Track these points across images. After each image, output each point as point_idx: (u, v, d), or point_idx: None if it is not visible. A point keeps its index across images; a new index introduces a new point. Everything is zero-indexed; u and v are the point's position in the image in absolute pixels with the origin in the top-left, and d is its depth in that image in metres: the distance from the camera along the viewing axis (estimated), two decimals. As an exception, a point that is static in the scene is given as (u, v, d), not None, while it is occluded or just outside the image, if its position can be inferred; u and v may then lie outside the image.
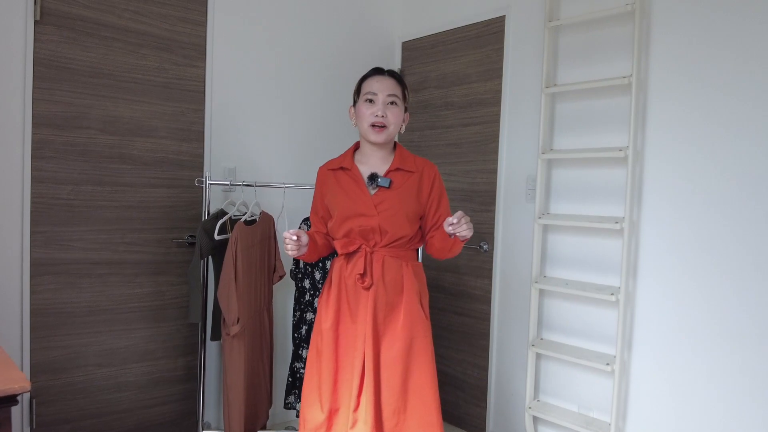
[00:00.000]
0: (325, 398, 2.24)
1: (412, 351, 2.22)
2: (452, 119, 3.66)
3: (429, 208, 2.33)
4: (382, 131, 2.26)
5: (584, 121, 3.00)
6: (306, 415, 2.28)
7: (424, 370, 2.22)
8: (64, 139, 2.85)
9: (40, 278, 2.82)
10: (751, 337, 2.44)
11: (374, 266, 2.24)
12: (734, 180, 2.49)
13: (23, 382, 1.57)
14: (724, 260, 2.52)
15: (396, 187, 2.28)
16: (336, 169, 2.36)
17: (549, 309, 3.15)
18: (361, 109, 2.30)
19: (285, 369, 3.51)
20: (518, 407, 3.29)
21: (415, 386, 2.21)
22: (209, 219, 2.95)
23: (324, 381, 2.25)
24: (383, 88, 2.28)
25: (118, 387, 3.07)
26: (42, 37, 2.76)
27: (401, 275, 2.26)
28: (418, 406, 2.20)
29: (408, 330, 2.22)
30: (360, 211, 2.24)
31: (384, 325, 2.23)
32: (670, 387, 2.68)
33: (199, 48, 3.23)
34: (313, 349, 2.33)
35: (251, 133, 3.45)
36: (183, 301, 3.24)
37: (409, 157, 2.36)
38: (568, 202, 3.07)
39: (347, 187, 2.30)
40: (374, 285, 2.22)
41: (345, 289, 2.27)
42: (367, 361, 2.18)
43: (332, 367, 2.24)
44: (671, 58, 2.67)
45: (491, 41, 3.43)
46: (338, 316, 2.27)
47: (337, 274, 2.30)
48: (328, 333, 2.26)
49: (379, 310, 2.22)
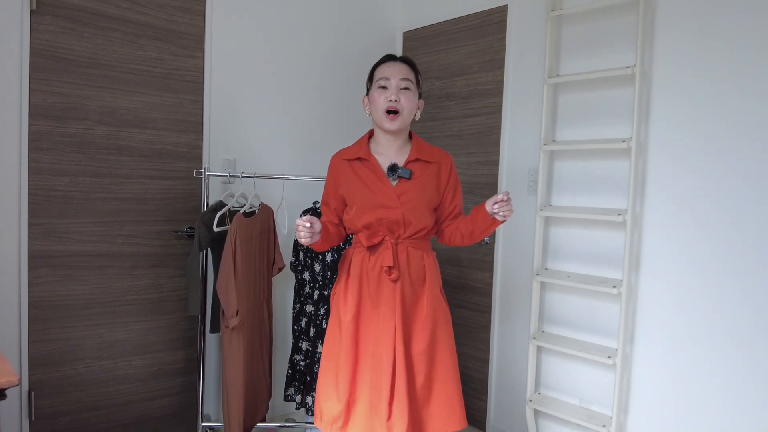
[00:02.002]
0: (342, 390, 2.23)
1: (436, 340, 2.26)
2: (454, 110, 3.62)
3: (445, 198, 2.33)
4: (396, 118, 2.24)
5: (587, 112, 2.97)
6: (323, 407, 2.28)
7: (447, 357, 2.27)
8: (61, 131, 2.82)
9: (38, 271, 2.80)
10: (754, 331, 2.42)
11: (400, 258, 2.24)
12: (738, 173, 2.45)
13: (11, 377, 1.56)
14: (727, 253, 2.49)
15: (416, 178, 2.27)
16: (352, 159, 2.32)
17: (550, 302, 3.13)
18: (375, 96, 2.27)
19: (285, 361, 3.49)
20: (519, 400, 3.28)
21: (438, 373, 2.26)
22: (208, 211, 2.93)
23: (341, 373, 2.24)
24: (396, 73, 2.25)
25: (117, 380, 3.06)
26: (38, 27, 2.73)
27: (423, 266, 2.28)
28: (441, 392, 2.25)
29: (432, 321, 2.25)
30: (382, 202, 2.22)
31: (411, 317, 2.25)
32: (672, 381, 2.66)
33: (197, 38, 3.20)
34: (330, 342, 2.31)
35: (250, 124, 3.42)
36: (182, 293, 3.22)
37: (426, 147, 2.34)
38: (571, 195, 3.04)
39: (366, 178, 2.27)
40: (400, 277, 2.22)
41: (367, 281, 2.25)
42: (398, 354, 2.18)
43: (351, 360, 2.23)
44: (675, 50, 2.63)
45: (493, 31, 3.39)
46: (359, 309, 2.26)
47: (358, 266, 2.28)
48: (349, 326, 2.24)
49: (407, 303, 2.24)
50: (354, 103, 3.78)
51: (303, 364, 3.13)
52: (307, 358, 3.12)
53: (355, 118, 3.79)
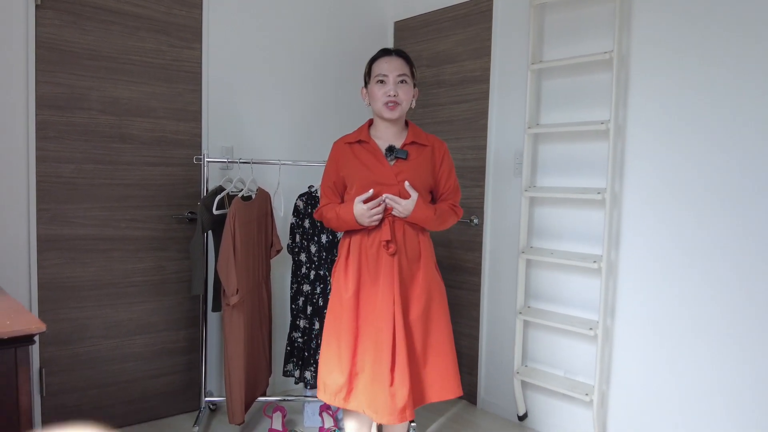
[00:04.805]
0: (345, 363, 2.38)
1: (431, 310, 2.42)
2: (444, 97, 3.75)
3: (440, 180, 2.50)
4: (395, 107, 2.41)
5: (570, 97, 3.10)
6: (326, 379, 2.43)
7: (442, 327, 2.43)
8: (66, 120, 2.96)
9: (47, 253, 2.94)
10: (730, 302, 2.55)
11: (396, 234, 2.40)
12: (716, 151, 2.58)
13: (38, 324, 1.76)
14: (704, 229, 2.62)
15: (412, 159, 2.43)
16: (353, 142, 2.48)
17: (536, 278, 3.27)
18: (374, 90, 2.44)
19: (284, 339, 3.64)
20: (507, 374, 3.42)
21: (434, 342, 2.41)
22: (208, 195, 3.06)
23: (344, 347, 2.39)
24: (392, 69, 2.42)
25: (123, 358, 3.20)
26: (43, 22, 2.86)
27: (418, 242, 2.44)
28: (437, 361, 2.41)
29: (427, 292, 2.41)
30: (380, 181, 2.38)
31: (408, 290, 2.40)
32: (651, 351, 2.80)
33: (195, 30, 3.32)
34: (331, 317, 2.46)
35: (247, 112, 3.55)
36: (184, 275, 3.36)
37: (421, 133, 2.52)
38: (554, 176, 3.17)
39: (366, 159, 2.43)
40: (397, 252, 2.38)
41: (366, 258, 2.40)
42: (398, 324, 2.34)
43: (353, 334, 2.39)
44: (652, 34, 2.76)
45: (480, 20, 3.52)
46: (359, 285, 2.41)
47: (357, 245, 2.43)
48: (350, 301, 2.40)
49: (404, 276, 2.39)
50: (346, 91, 3.91)
51: (301, 341, 3.27)
52: (304, 335, 3.26)
53: (347, 106, 3.93)
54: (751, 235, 2.48)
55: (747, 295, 2.49)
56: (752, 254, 2.48)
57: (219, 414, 3.41)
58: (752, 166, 2.47)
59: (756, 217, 2.46)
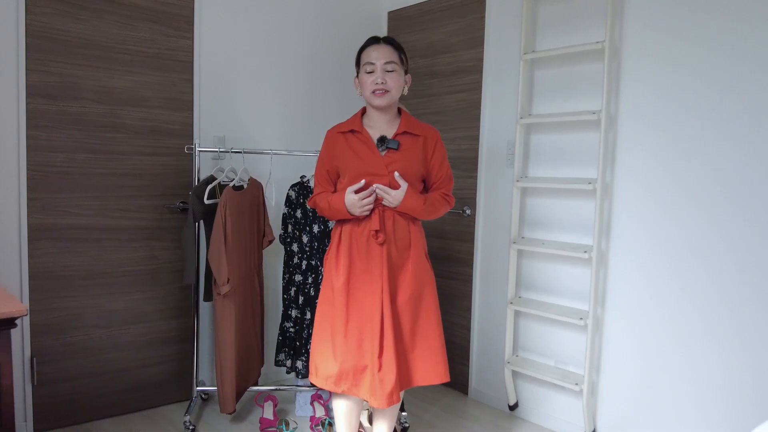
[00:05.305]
0: (337, 349, 2.41)
1: (420, 298, 2.44)
2: (437, 87, 3.75)
3: (432, 169, 2.50)
4: (384, 95, 2.41)
5: (562, 87, 3.10)
6: (318, 364, 2.45)
7: (431, 314, 2.46)
8: (58, 109, 2.95)
9: (38, 243, 2.94)
10: (721, 291, 2.56)
11: (386, 224, 2.41)
12: (706, 143, 2.59)
13: (20, 307, 1.80)
14: (696, 218, 2.63)
15: (404, 149, 2.44)
16: (346, 132, 2.49)
17: (527, 268, 3.28)
18: (363, 79, 2.45)
19: (276, 329, 3.65)
20: (499, 363, 3.43)
21: (422, 327, 2.44)
22: (200, 184, 3.06)
23: (337, 332, 2.42)
24: (380, 57, 2.42)
25: (116, 347, 3.21)
26: (34, 9, 2.85)
27: (408, 232, 2.45)
28: (425, 346, 2.43)
29: (417, 280, 2.43)
30: (371, 171, 2.39)
31: (397, 277, 2.42)
32: (640, 341, 2.82)
33: (187, 19, 3.32)
34: (323, 304, 2.49)
35: (239, 102, 3.55)
36: (176, 265, 3.37)
37: (414, 122, 2.52)
38: (546, 166, 3.18)
39: (358, 148, 2.44)
40: (386, 242, 2.39)
41: (357, 247, 2.42)
42: (386, 309, 2.36)
43: (344, 320, 2.41)
44: (645, 25, 2.76)
45: (473, 10, 3.51)
46: (350, 273, 2.43)
47: (348, 233, 2.45)
48: (341, 289, 2.42)
49: (393, 265, 2.41)
50: (339, 80, 3.91)
51: (293, 331, 3.28)
52: (296, 325, 3.27)
53: (340, 96, 3.92)
54: (742, 223, 2.48)
55: (738, 284, 2.50)
56: (743, 243, 2.48)
57: (211, 403, 3.42)
58: (745, 155, 2.47)
59: (747, 207, 2.47)
